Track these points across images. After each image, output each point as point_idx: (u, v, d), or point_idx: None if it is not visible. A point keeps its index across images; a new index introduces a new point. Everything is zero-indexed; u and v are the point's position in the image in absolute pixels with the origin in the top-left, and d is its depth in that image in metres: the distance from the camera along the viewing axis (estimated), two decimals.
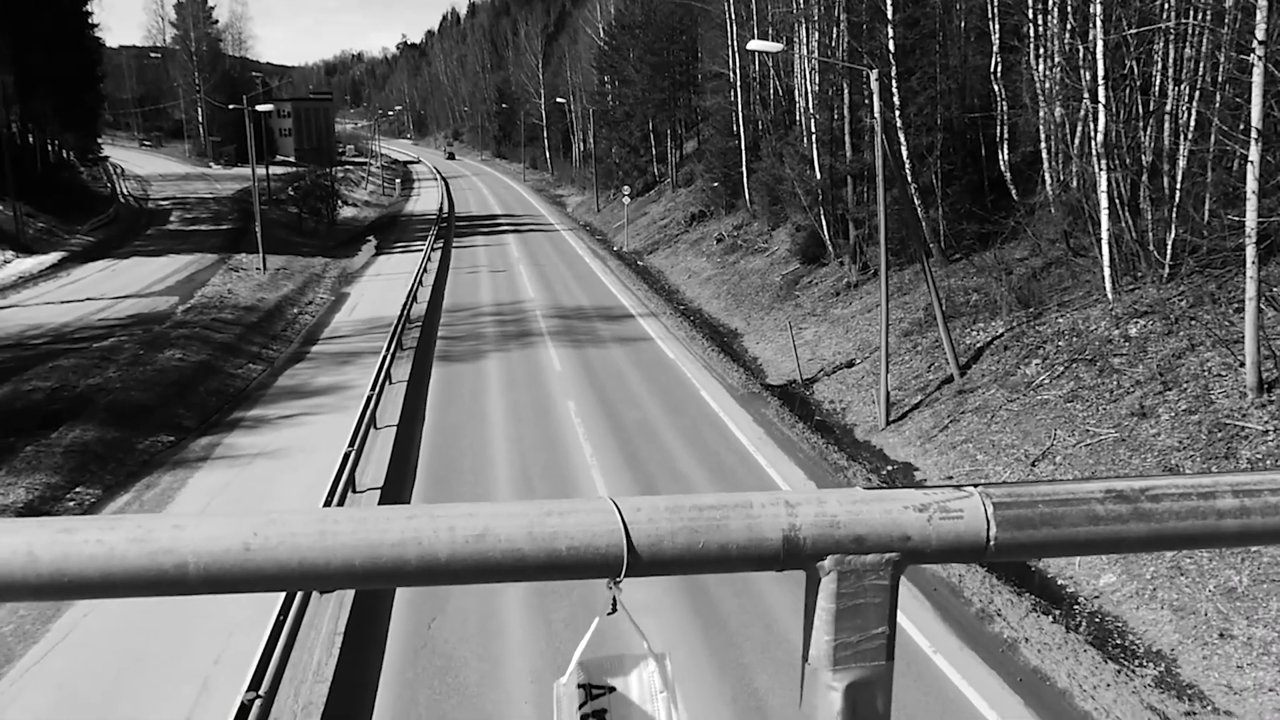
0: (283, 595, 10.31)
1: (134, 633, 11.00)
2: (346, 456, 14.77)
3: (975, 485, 0.89)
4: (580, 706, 0.90)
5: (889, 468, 16.91)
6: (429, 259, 40.68)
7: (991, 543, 0.86)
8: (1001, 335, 19.60)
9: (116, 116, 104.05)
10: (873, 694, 0.87)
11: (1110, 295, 18.22)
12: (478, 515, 0.81)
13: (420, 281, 34.71)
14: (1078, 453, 14.77)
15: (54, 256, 40.50)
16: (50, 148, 58.57)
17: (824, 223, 30.21)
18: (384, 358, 21.83)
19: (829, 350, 24.27)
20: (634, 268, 40.65)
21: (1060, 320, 18.64)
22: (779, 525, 0.84)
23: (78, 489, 15.69)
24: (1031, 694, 9.56)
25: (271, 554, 0.77)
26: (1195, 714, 9.32)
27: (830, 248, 30.12)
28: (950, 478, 15.87)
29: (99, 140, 68.29)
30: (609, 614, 0.89)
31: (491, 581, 0.80)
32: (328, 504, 13.00)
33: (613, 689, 0.91)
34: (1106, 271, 18.37)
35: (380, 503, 14.73)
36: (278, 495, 14.84)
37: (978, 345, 19.87)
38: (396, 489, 15.32)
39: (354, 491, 15.00)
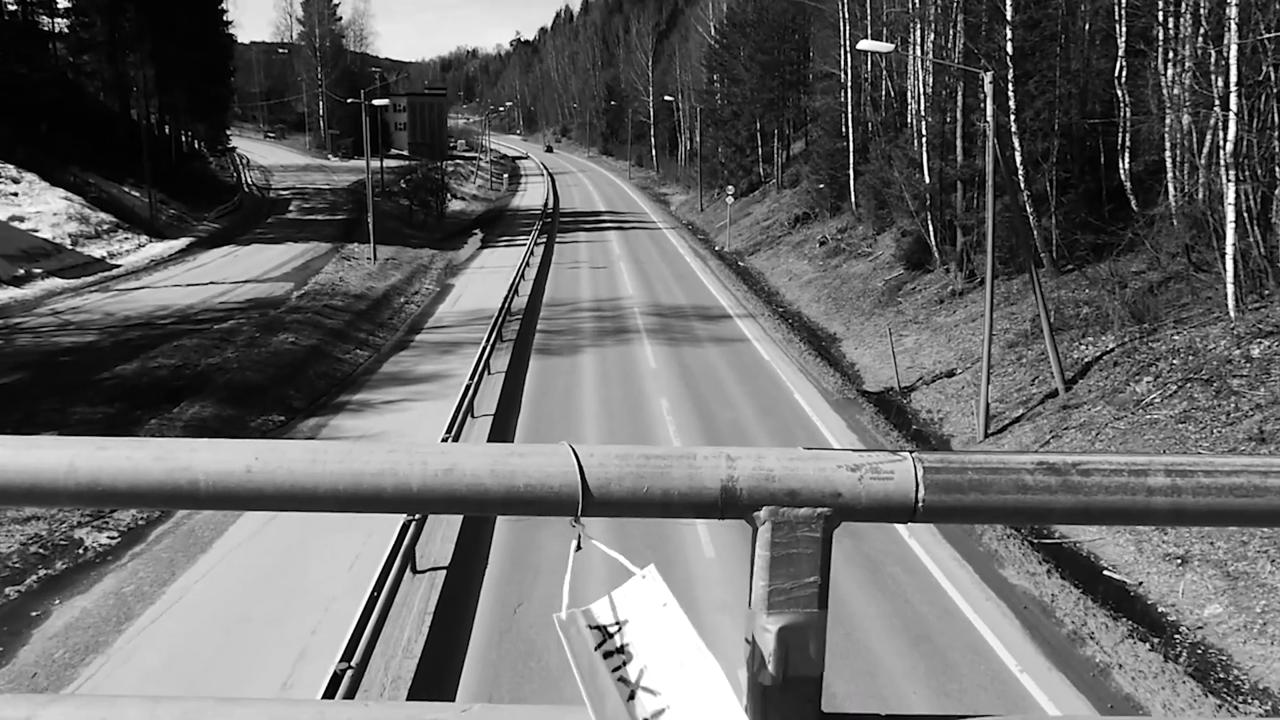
0: (378, 572, 10.73)
1: (241, 600, 11.61)
2: (444, 438, 15.20)
3: (910, 451, 0.93)
4: (598, 646, 0.95)
5: None
6: (532, 253, 41.41)
7: (920, 504, 0.90)
8: (1112, 350, 18.85)
9: (244, 109, 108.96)
10: (805, 638, 0.92)
11: (1233, 313, 17.32)
12: (449, 453, 0.90)
13: (522, 275, 35.37)
14: None
15: (183, 242, 42.78)
16: (183, 138, 61.87)
17: (931, 228, 29.54)
18: (484, 349, 22.35)
19: (929, 359, 23.76)
20: (734, 268, 40.53)
21: (1176, 337, 17.82)
22: (718, 476, 0.90)
23: None
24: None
25: (270, 477, 0.88)
26: None
27: (936, 254, 29.44)
28: None
29: (227, 132, 71.73)
30: (577, 550, 0.95)
31: (458, 512, 0.90)
32: None
33: (626, 621, 0.95)
34: (1230, 288, 17.47)
35: None
36: None
37: (1086, 360, 19.15)
38: None
39: None
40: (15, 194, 38.85)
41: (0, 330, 25.89)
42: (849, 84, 40.26)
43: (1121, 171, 24.33)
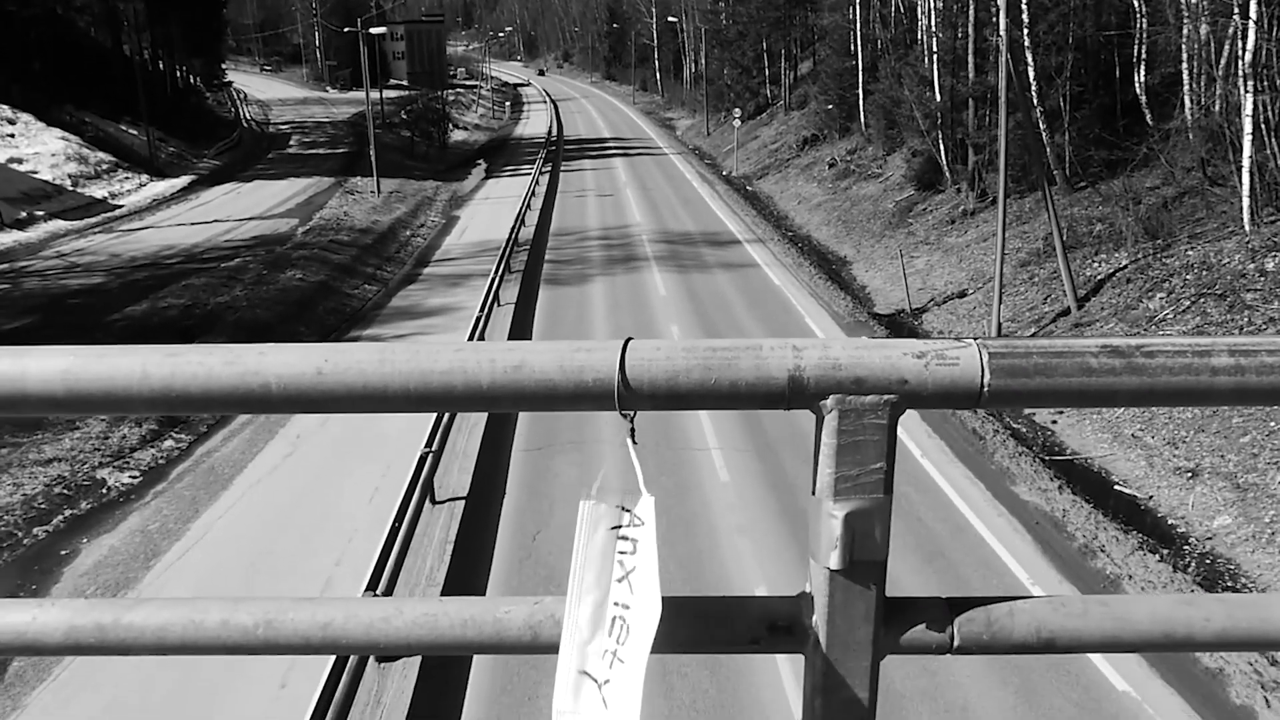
0: (396, 505, 10.90)
1: (264, 534, 11.82)
2: None
3: (975, 338, 0.94)
4: (619, 525, 0.98)
5: None
6: (537, 182, 41.02)
7: (985, 389, 0.90)
8: (1125, 267, 18.72)
9: (239, 42, 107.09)
10: (871, 523, 0.94)
11: (1248, 227, 17.12)
12: (515, 350, 0.91)
13: (528, 205, 35.10)
14: None
15: (184, 180, 42.45)
16: (178, 73, 60.92)
17: (942, 147, 29.11)
18: (492, 281, 22.31)
19: (940, 279, 23.64)
20: (742, 193, 40.12)
21: (1190, 253, 17.66)
22: (785, 366, 0.91)
23: None
24: None
25: (340, 378, 0.90)
26: None
27: (947, 174, 29.07)
28: (1061, 412, 15.44)
29: (223, 65, 70.59)
30: (633, 445, 0.97)
31: (527, 409, 0.91)
32: (438, 422, 13.55)
33: (644, 523, 0.98)
34: (1245, 202, 17.24)
35: (489, 423, 15.28)
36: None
37: (1098, 277, 19.03)
38: None
39: None
40: (12, 135, 38.49)
41: (7, 274, 25.91)
42: (857, 0, 39.25)
43: (1137, 85, 23.84)
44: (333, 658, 8.17)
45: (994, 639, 0.97)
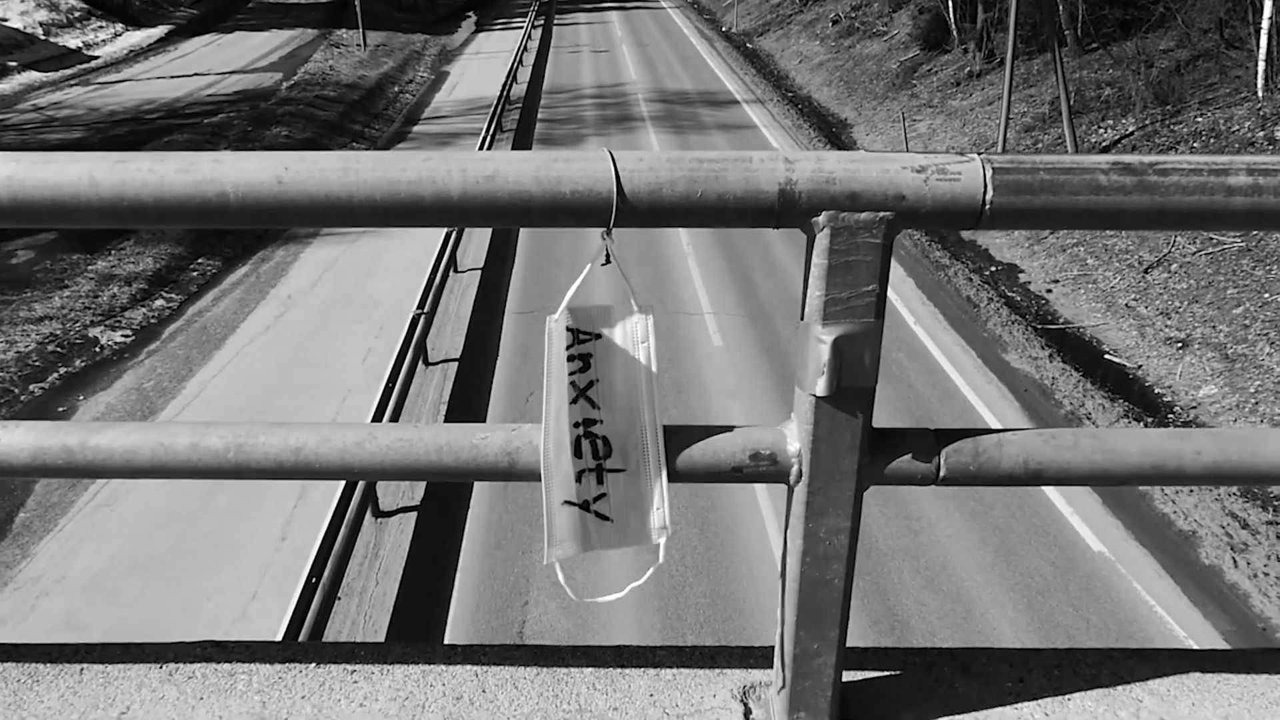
0: (390, 367, 10.95)
1: (259, 393, 11.93)
2: (448, 237, 15.14)
3: (979, 153, 0.88)
4: (567, 347, 0.96)
5: (992, 268, 16.49)
6: (529, 37, 39.58)
7: (987, 207, 0.86)
8: (1131, 134, 18.31)
9: None
10: (860, 348, 0.90)
11: (1261, 94, 16.67)
12: (489, 160, 0.86)
13: (520, 61, 33.96)
14: (1196, 261, 14.07)
15: (160, 30, 40.82)
16: None
17: (950, 4, 27.99)
18: (484, 139, 21.80)
19: (942, 144, 23.15)
20: (742, 50, 38.79)
21: (1199, 120, 17.24)
22: (775, 179, 0.85)
23: (199, 259, 16.59)
24: (1111, 496, 9.67)
25: (302, 187, 0.84)
26: (1278, 523, 9.31)
27: (954, 33, 28.05)
28: (1057, 281, 15.41)
29: None
30: (603, 264, 0.92)
31: (500, 224, 0.85)
32: (430, 285, 13.48)
33: (599, 335, 0.95)
34: (1261, 66, 16.71)
35: (481, 286, 15.21)
36: (384, 269, 15.44)
37: (1103, 144, 18.64)
38: (497, 270, 15.73)
39: (455, 271, 15.47)
40: None
41: None
42: None
43: None
44: (330, 512, 8.38)
45: (981, 469, 0.95)
